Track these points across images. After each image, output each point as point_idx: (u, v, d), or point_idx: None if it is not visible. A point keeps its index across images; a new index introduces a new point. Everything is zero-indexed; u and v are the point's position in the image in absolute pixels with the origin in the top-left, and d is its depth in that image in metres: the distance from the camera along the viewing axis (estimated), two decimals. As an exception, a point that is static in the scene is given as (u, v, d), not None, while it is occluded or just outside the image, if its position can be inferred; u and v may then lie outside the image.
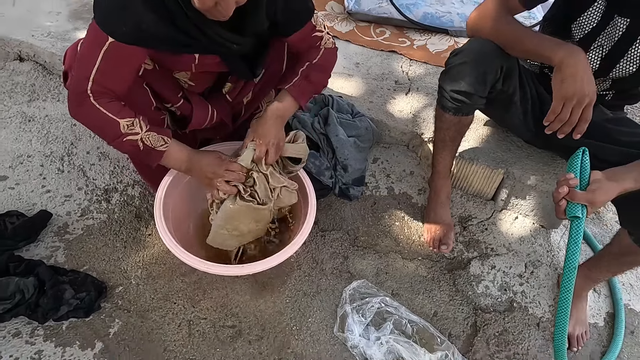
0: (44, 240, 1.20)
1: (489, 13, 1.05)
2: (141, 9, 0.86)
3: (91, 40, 0.91)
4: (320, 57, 1.07)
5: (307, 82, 1.07)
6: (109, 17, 0.88)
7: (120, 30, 0.89)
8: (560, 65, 0.93)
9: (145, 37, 0.90)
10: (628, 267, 1.18)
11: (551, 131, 0.99)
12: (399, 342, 1.14)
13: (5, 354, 1.01)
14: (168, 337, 1.08)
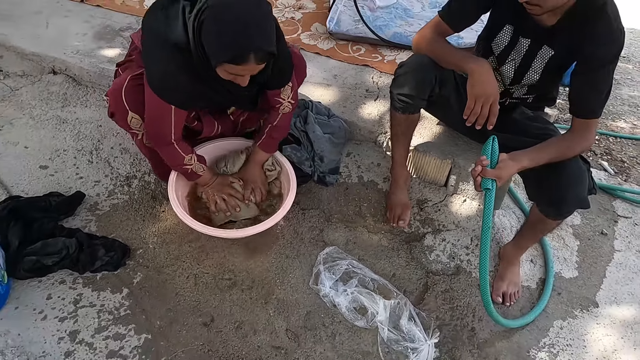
0: (79, 214, 1.56)
1: (426, 35, 1.43)
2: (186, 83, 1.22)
3: (158, 105, 1.26)
4: (278, 120, 1.50)
5: (270, 138, 1.54)
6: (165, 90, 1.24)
7: (176, 102, 1.27)
8: (472, 73, 1.30)
9: (189, 104, 1.32)
10: (541, 233, 1.53)
11: (470, 124, 1.35)
12: (361, 293, 1.48)
13: (54, 295, 1.36)
14: (178, 285, 1.43)
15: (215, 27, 1.10)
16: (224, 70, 1.16)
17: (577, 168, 1.34)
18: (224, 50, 1.11)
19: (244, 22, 1.09)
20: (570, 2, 1.22)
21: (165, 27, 1.17)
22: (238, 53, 1.10)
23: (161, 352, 1.28)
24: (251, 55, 1.11)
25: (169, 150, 1.37)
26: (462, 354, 1.42)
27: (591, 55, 1.25)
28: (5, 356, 1.22)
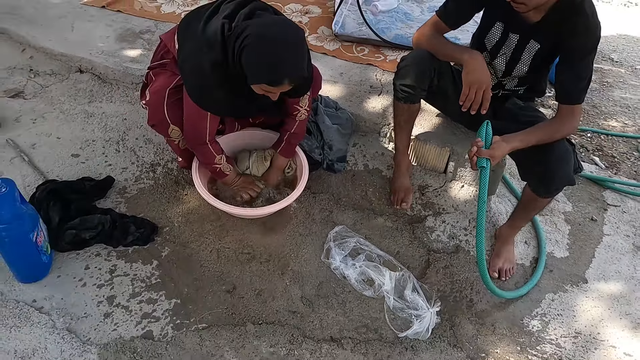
0: (110, 197, 1.74)
1: (425, 32, 1.62)
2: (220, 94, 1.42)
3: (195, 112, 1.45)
4: (295, 128, 1.69)
5: (289, 144, 1.73)
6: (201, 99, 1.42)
7: (211, 109, 1.46)
8: (466, 63, 1.49)
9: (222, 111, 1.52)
10: (533, 212, 1.71)
11: (466, 109, 1.53)
12: (369, 266, 1.65)
13: (91, 266, 1.53)
14: (203, 258, 1.60)
15: (256, 56, 1.28)
16: (260, 87, 1.35)
17: (564, 149, 1.53)
18: (263, 75, 1.30)
19: (283, 55, 1.29)
20: (552, 1, 1.41)
21: (205, 44, 1.35)
22: (275, 78, 1.30)
23: (190, 314, 1.44)
24: (286, 80, 1.31)
25: (203, 150, 1.57)
26: (462, 321, 1.58)
27: (572, 47, 1.44)
28: (51, 316, 1.38)
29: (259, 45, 1.27)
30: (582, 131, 2.89)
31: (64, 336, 1.34)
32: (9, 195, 1.28)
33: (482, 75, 1.48)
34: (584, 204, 2.14)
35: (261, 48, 1.28)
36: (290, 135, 1.70)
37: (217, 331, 1.41)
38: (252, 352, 1.38)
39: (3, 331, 1.33)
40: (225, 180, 1.70)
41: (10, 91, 2.08)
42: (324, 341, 1.44)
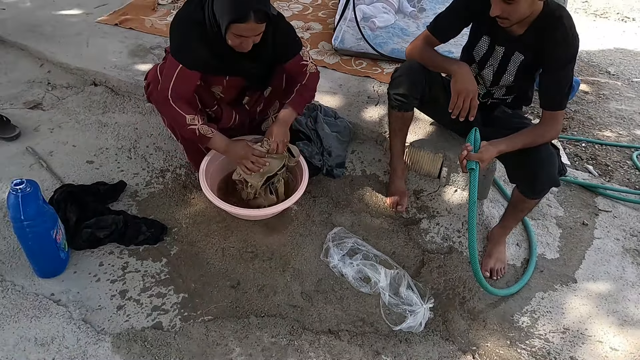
0: (122, 200, 1.87)
1: (417, 45, 1.76)
2: (198, 47, 1.56)
3: (169, 64, 1.61)
4: (306, 80, 1.77)
5: (300, 96, 1.78)
6: (179, 52, 1.58)
7: (186, 61, 1.58)
8: (454, 73, 1.62)
9: (199, 65, 1.60)
10: (521, 213, 1.81)
11: (455, 116, 1.66)
12: (365, 265, 1.76)
13: (105, 263, 1.65)
14: (209, 256, 1.72)
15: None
16: (232, 33, 1.48)
17: (548, 152, 1.64)
18: (230, 11, 1.44)
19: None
20: (533, 15, 1.55)
21: (188, 11, 1.55)
22: (241, 12, 1.43)
23: (197, 307, 1.55)
24: (251, 14, 1.43)
25: (167, 108, 1.59)
26: (454, 317, 1.68)
27: (552, 57, 1.56)
28: (68, 308, 1.50)
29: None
30: (577, 141, 3.01)
31: (80, 326, 1.45)
32: (34, 194, 1.41)
33: (469, 84, 1.61)
34: (575, 209, 2.24)
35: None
36: (301, 87, 1.75)
37: (222, 323, 1.52)
38: (255, 342, 1.48)
39: (24, 321, 1.45)
40: (214, 145, 1.67)
41: (29, 103, 2.24)
42: (322, 333, 1.54)
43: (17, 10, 2.81)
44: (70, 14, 2.81)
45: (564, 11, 1.57)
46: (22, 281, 1.55)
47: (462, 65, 1.64)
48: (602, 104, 3.63)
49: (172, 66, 1.58)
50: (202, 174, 1.77)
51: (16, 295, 1.51)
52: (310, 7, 3.10)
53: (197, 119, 1.62)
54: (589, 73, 4.17)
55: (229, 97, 1.83)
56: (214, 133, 1.66)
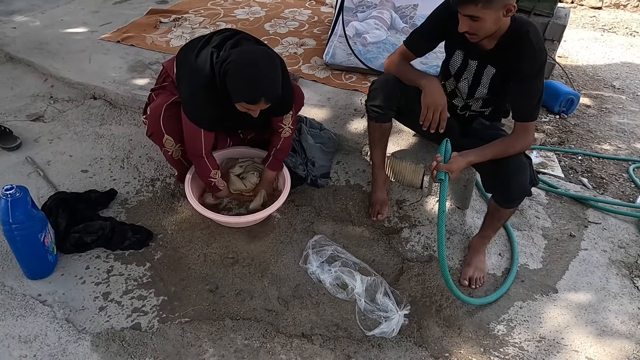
0: (112, 207, 1.97)
1: (394, 59, 1.84)
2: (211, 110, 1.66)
3: (191, 129, 1.70)
4: (281, 144, 1.91)
5: (276, 159, 1.95)
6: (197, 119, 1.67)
7: (205, 126, 1.70)
8: (423, 87, 1.69)
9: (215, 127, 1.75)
10: (498, 222, 1.85)
11: (425, 128, 1.72)
12: (343, 272, 1.81)
13: (91, 266, 1.74)
14: (191, 262, 1.80)
15: (236, 79, 1.53)
16: (241, 106, 1.60)
17: (519, 162, 1.69)
18: (242, 95, 1.55)
19: (259, 79, 1.54)
20: (501, 30, 1.62)
21: (197, 69, 1.62)
22: (252, 98, 1.55)
23: (175, 309, 1.63)
24: (262, 99, 1.55)
25: (200, 162, 1.80)
26: (429, 324, 1.71)
27: (520, 70, 1.62)
28: (53, 308, 1.59)
29: (238, 69, 1.53)
30: (573, 154, 3.02)
31: (62, 325, 1.54)
32: (22, 199, 1.52)
33: (438, 98, 1.68)
34: (564, 221, 2.26)
35: (240, 72, 1.53)
36: (276, 151, 1.93)
37: (198, 325, 1.59)
38: (228, 344, 1.54)
39: (10, 319, 1.54)
40: (220, 194, 1.96)
41: (32, 115, 2.38)
42: (295, 336, 1.60)
43: (27, 28, 3.00)
44: (76, 31, 2.99)
45: (531, 26, 1.64)
46: (12, 282, 1.65)
47: (432, 79, 1.71)
48: (603, 117, 3.63)
49: (195, 130, 1.70)
50: (187, 182, 1.86)
51: (5, 296, 1.61)
52: (307, 24, 3.22)
53: (218, 174, 1.88)
54: (593, 87, 4.19)
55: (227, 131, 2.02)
56: (224, 187, 1.94)
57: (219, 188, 1.91)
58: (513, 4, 1.51)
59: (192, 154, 1.79)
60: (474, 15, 1.50)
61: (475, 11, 1.49)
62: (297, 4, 3.54)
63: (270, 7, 3.44)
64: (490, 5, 1.48)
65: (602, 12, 6.30)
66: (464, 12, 1.52)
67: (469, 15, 1.51)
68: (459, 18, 1.56)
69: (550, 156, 2.96)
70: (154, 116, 1.74)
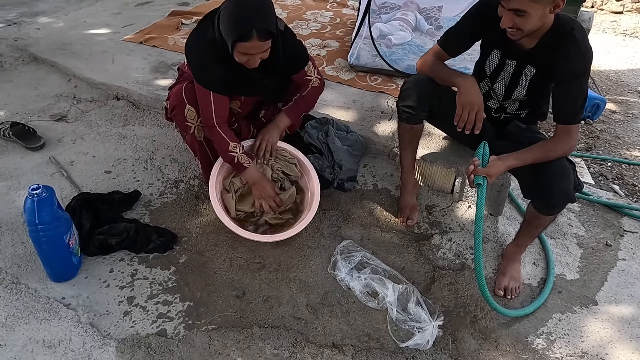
0: (136, 209, 1.92)
1: (427, 59, 1.77)
2: (218, 70, 1.60)
3: (201, 92, 1.64)
4: (307, 92, 1.83)
5: (296, 105, 1.85)
6: (205, 80, 1.62)
7: (214, 87, 1.63)
8: (459, 86, 1.61)
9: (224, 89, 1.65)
10: (536, 229, 1.76)
11: (460, 129, 1.64)
12: (373, 279, 1.73)
13: (115, 269, 1.69)
14: (216, 266, 1.73)
15: (226, 16, 1.49)
16: (238, 52, 1.52)
17: (562, 166, 1.60)
18: (233, 31, 1.48)
19: (246, 9, 1.49)
20: (545, 28, 1.53)
21: (202, 33, 1.60)
22: (242, 32, 1.47)
23: (201, 316, 1.56)
24: (254, 32, 1.46)
25: (215, 134, 1.69)
26: (464, 336, 1.63)
27: (564, 70, 1.54)
28: (77, 312, 1.53)
29: (228, 9, 1.49)
30: (602, 160, 2.92)
31: (87, 330, 1.48)
32: (49, 200, 1.47)
33: (474, 97, 1.60)
34: (599, 229, 2.16)
35: (229, 11, 1.49)
36: (299, 97, 1.82)
37: (225, 332, 1.52)
38: (257, 353, 1.47)
39: (34, 323, 1.49)
40: (248, 175, 1.78)
41: (55, 115, 2.35)
42: (325, 347, 1.52)
43: (51, 29, 2.99)
44: (99, 32, 2.96)
45: (576, 24, 1.55)
46: (35, 284, 1.60)
47: (468, 78, 1.63)
48: (630, 123, 3.52)
49: (205, 93, 1.64)
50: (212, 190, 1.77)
51: (29, 298, 1.56)
52: (329, 25, 3.17)
53: (238, 147, 1.73)
54: (617, 92, 4.07)
55: (246, 111, 1.89)
56: (250, 164, 1.77)
57: (243, 165, 1.74)
58: (562, 0, 1.43)
59: (205, 124, 1.69)
60: (520, 9, 1.42)
61: (523, 4, 1.40)
62: (318, 6, 3.48)
63: (292, 9, 3.39)
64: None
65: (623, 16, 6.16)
66: (509, 6, 1.43)
67: (515, 9, 1.42)
68: (502, 13, 1.48)
69: (579, 162, 2.85)
70: (176, 92, 1.71)
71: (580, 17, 3.84)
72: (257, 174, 1.81)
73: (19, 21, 3.06)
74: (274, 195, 1.84)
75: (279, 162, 1.91)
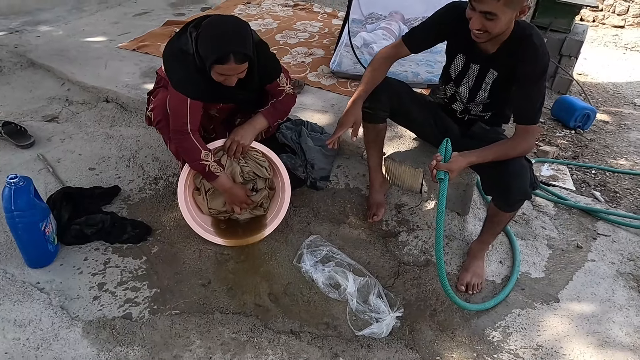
0: (115, 203, 2.04)
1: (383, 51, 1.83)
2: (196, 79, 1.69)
3: (177, 98, 1.70)
4: (282, 98, 1.91)
5: (273, 108, 1.91)
6: (182, 86, 1.69)
7: (191, 93, 1.71)
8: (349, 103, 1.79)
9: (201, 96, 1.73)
10: (497, 226, 1.83)
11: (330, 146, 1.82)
12: (337, 272, 1.82)
13: (89, 258, 1.81)
14: (186, 256, 1.84)
15: (205, 39, 1.59)
16: (215, 72, 1.62)
17: (520, 165, 1.68)
18: (211, 54, 1.58)
19: (225, 33, 1.59)
20: (507, 33, 1.62)
21: (180, 46, 1.68)
22: (220, 55, 1.57)
23: (166, 301, 1.66)
24: (231, 56, 1.56)
25: (187, 140, 1.72)
26: (422, 327, 1.70)
27: (523, 73, 1.62)
28: (49, 295, 1.64)
29: (206, 32, 1.59)
30: (587, 168, 2.97)
31: (57, 312, 1.59)
32: (25, 188, 1.60)
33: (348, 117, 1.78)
34: (572, 232, 2.22)
35: (207, 33, 1.59)
36: (276, 101, 1.89)
37: (188, 317, 1.62)
38: (216, 337, 1.56)
39: (8, 304, 1.60)
40: (219, 183, 1.82)
41: (47, 116, 2.51)
42: (283, 333, 1.60)
43: (50, 37, 3.18)
44: (95, 40, 3.14)
45: (533, 29, 1.64)
46: (13, 270, 1.72)
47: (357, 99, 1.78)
48: (622, 133, 3.57)
49: (181, 100, 1.70)
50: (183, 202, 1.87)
51: (5, 282, 1.67)
52: (317, 35, 3.30)
53: (210, 156, 1.78)
54: (612, 104, 4.13)
55: (223, 117, 2.00)
56: (221, 172, 1.82)
57: (215, 174, 1.78)
58: (528, 5, 1.51)
59: (177, 130, 1.72)
60: (491, 12, 1.48)
61: (495, 7, 1.46)
62: (309, 17, 3.63)
63: (283, 20, 3.54)
64: (511, 3, 1.47)
65: (624, 30, 6.22)
66: (481, 8, 1.49)
67: (486, 11, 1.49)
68: (471, 15, 1.54)
69: (562, 169, 2.91)
70: (160, 105, 1.80)
71: (574, 29, 3.93)
72: (228, 181, 1.85)
73: (21, 29, 3.25)
74: (246, 199, 1.93)
75: (250, 163, 1.96)
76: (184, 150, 1.79)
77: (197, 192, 1.98)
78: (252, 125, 1.88)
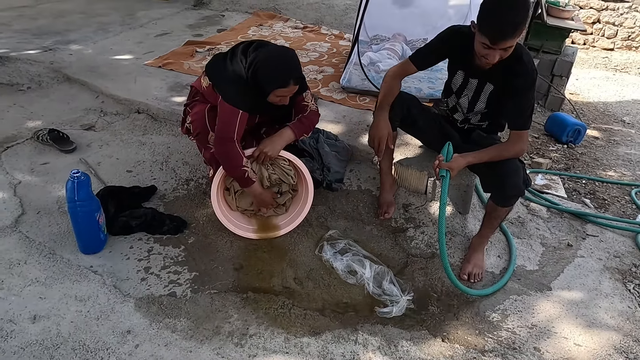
0: (153, 200, 2.32)
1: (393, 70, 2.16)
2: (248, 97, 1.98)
3: (228, 111, 1.93)
4: (307, 114, 2.19)
5: (300, 122, 2.18)
6: (237, 101, 1.97)
7: (244, 107, 1.99)
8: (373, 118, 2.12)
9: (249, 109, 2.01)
10: (495, 220, 2.11)
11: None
12: (354, 261, 2.08)
13: (135, 246, 2.07)
14: (219, 246, 2.11)
15: (267, 70, 1.88)
16: (274, 95, 1.94)
17: (514, 164, 1.98)
18: (276, 81, 1.90)
19: (285, 63, 1.92)
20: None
21: (235, 64, 1.97)
22: (284, 81, 1.90)
23: (205, 283, 1.92)
24: (291, 81, 1.90)
25: (232, 148, 1.94)
26: (430, 308, 1.95)
27: (515, 86, 1.93)
28: (102, 277, 1.90)
29: (267, 63, 1.89)
30: (578, 178, 3.27)
31: (111, 290, 1.84)
32: (86, 182, 1.87)
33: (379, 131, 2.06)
34: (563, 233, 2.50)
35: (269, 64, 1.89)
36: (302, 116, 2.13)
37: (225, 295, 1.87)
38: (251, 312, 1.82)
39: (68, 283, 1.85)
40: (252, 189, 2.06)
41: (85, 125, 2.80)
42: (309, 309, 1.86)
43: (82, 55, 3.50)
44: (123, 58, 3.47)
45: (524, 49, 1.97)
46: (68, 256, 1.98)
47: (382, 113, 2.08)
48: (611, 148, 3.89)
49: (232, 113, 1.93)
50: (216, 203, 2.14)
51: (63, 265, 1.93)
52: (326, 54, 3.65)
53: (249, 163, 2.02)
54: (603, 121, 4.47)
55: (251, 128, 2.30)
56: (256, 179, 2.08)
57: (252, 180, 2.02)
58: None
59: (225, 137, 1.93)
60: (510, 47, 1.79)
61: (512, 42, 1.78)
62: (318, 38, 3.99)
63: (294, 40, 3.89)
64: (519, 34, 1.78)
65: (614, 53, 6.65)
66: (502, 46, 1.78)
67: (506, 47, 1.78)
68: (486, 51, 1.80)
69: (555, 179, 3.21)
70: (199, 119, 2.07)
71: (564, 51, 4.31)
72: (260, 188, 2.10)
73: (54, 48, 3.58)
74: (273, 202, 2.22)
75: (277, 170, 2.22)
76: (227, 157, 2.01)
77: (227, 192, 2.26)
78: (281, 137, 2.09)
